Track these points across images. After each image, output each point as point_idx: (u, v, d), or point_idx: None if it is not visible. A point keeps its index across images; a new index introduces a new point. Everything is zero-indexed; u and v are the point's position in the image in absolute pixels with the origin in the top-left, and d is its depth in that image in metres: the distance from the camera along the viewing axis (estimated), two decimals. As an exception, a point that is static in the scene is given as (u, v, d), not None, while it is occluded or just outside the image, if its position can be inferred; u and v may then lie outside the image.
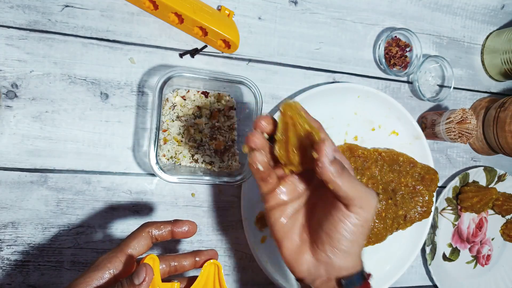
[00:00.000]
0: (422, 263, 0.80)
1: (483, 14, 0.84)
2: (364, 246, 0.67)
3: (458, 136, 0.71)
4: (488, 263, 0.85)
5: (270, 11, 0.69)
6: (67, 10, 0.59)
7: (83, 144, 0.60)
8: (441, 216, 0.79)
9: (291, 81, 0.70)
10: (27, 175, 0.58)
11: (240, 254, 0.67)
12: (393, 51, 0.75)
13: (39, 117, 0.58)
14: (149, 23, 0.63)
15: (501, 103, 0.77)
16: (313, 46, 0.71)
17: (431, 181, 0.73)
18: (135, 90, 0.62)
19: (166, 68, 0.63)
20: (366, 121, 0.73)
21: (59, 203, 0.59)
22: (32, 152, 0.58)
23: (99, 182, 0.61)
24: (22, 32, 0.58)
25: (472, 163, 0.84)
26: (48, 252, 0.58)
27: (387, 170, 0.71)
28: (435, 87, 0.81)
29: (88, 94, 0.60)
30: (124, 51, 0.62)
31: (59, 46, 0.59)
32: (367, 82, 0.75)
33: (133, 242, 0.43)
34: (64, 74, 0.59)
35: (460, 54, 0.82)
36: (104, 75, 0.61)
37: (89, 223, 0.60)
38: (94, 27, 0.61)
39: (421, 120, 0.78)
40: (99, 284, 0.40)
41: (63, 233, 0.59)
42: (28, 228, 0.58)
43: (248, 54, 0.68)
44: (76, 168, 0.60)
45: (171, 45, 0.64)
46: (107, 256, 0.41)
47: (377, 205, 0.41)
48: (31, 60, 0.58)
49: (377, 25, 0.75)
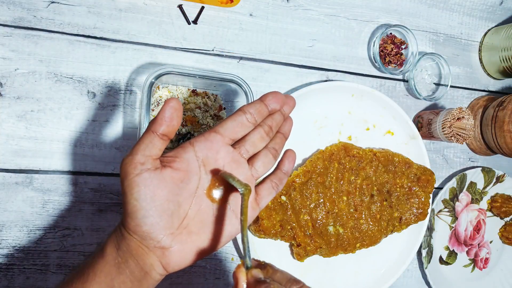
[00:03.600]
0: (418, 266, 0.84)
1: (481, 10, 0.87)
2: (358, 248, 0.71)
3: (455, 136, 0.74)
4: (486, 266, 0.89)
5: (262, 8, 0.72)
6: (53, 7, 0.62)
7: (69, 144, 0.62)
8: (437, 218, 0.83)
9: (283, 79, 0.73)
10: (12, 176, 0.60)
11: (231, 257, 0.70)
12: (388, 49, 0.78)
13: (24, 116, 0.61)
14: (137, 20, 0.65)
15: (499, 102, 0.80)
16: (306, 43, 0.74)
17: (427, 182, 0.75)
18: (123, 88, 0.65)
19: (154, 66, 0.66)
20: (361, 120, 0.76)
21: (45, 204, 0.61)
22: (17, 152, 0.60)
23: (86, 183, 0.63)
24: (6, 29, 0.60)
25: (469, 164, 0.88)
26: (33, 255, 0.61)
27: (382, 171, 0.74)
28: (432, 86, 0.84)
29: (74, 92, 0.63)
30: (111, 49, 0.64)
31: (45, 44, 0.62)
32: (362, 81, 0.78)
33: (228, 123, 0.44)
34: (50, 72, 0.62)
35: (457, 52, 0.86)
36: (91, 73, 0.63)
37: (76, 225, 0.63)
38: (81, 24, 0.63)
39: (417, 120, 0.81)
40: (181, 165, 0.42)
41: (49, 235, 0.61)
42: (13, 230, 0.60)
43: (239, 51, 0.71)
44: (63, 168, 0.62)
45: (159, 42, 0.67)
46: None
47: None
48: (16, 58, 0.60)
49: (372, 21, 0.79)
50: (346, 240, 0.70)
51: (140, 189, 0.39)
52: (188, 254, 0.42)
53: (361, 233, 0.71)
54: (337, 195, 0.70)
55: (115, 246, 0.41)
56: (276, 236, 0.66)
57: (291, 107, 0.48)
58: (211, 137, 0.44)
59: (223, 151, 0.44)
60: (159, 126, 0.40)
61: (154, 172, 0.40)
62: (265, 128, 0.46)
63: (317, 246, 0.68)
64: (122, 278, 0.41)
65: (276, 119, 0.47)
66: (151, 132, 0.40)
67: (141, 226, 0.39)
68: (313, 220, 0.68)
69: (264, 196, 0.47)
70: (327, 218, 0.69)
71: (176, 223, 0.41)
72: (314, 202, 0.68)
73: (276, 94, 0.46)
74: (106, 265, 0.41)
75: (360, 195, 0.71)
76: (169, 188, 0.41)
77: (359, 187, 0.71)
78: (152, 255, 0.41)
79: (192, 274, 0.68)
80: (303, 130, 0.73)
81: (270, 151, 0.47)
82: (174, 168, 0.41)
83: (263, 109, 0.45)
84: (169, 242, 0.41)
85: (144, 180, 0.39)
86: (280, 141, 0.49)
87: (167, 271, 0.42)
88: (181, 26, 0.68)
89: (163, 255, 0.41)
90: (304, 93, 0.70)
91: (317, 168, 0.69)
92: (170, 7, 0.67)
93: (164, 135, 0.40)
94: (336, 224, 0.70)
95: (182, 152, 0.43)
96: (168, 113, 0.40)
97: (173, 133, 0.41)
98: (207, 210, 0.43)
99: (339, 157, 0.71)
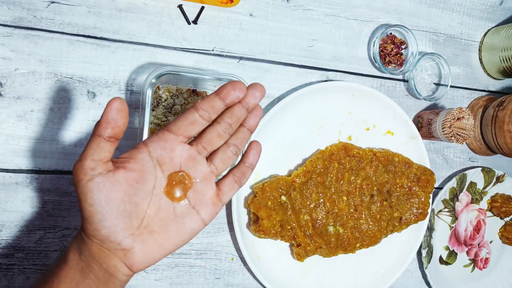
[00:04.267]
0: (418, 266, 0.84)
1: (481, 10, 0.88)
2: (358, 248, 0.71)
3: (455, 136, 0.75)
4: (486, 266, 0.89)
5: (262, 8, 0.72)
6: (53, 7, 0.62)
7: (69, 144, 0.63)
8: (437, 218, 0.83)
9: (283, 79, 0.73)
10: (12, 176, 0.61)
11: (231, 257, 0.71)
12: (388, 49, 0.78)
13: (24, 116, 0.61)
14: (138, 20, 0.66)
15: (499, 102, 0.80)
16: (306, 43, 0.75)
17: (427, 182, 0.76)
18: (123, 88, 0.65)
19: (154, 66, 0.67)
20: (361, 120, 0.76)
21: (45, 204, 0.62)
22: (17, 152, 0.61)
23: (86, 183, 0.63)
24: (6, 29, 0.60)
25: (469, 164, 0.88)
26: (33, 255, 0.61)
27: (382, 171, 0.74)
28: (432, 86, 0.84)
29: (74, 93, 0.63)
30: (111, 49, 0.65)
31: (45, 44, 0.62)
32: (362, 81, 0.79)
33: (180, 121, 0.44)
34: (50, 72, 0.62)
35: (457, 52, 0.86)
36: (91, 73, 0.64)
37: (76, 226, 0.63)
38: (81, 24, 0.64)
39: (417, 120, 0.82)
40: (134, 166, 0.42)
41: (49, 235, 0.62)
42: (13, 230, 0.61)
43: (239, 51, 0.71)
44: (63, 168, 0.63)
45: (159, 42, 0.67)
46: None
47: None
48: (16, 58, 0.61)
49: (372, 21, 0.79)
50: (346, 240, 0.70)
51: (94, 194, 0.39)
52: (151, 253, 0.43)
53: (361, 233, 0.71)
54: (337, 195, 0.71)
55: (77, 251, 0.42)
56: (276, 236, 0.67)
57: (257, 98, 0.44)
58: (165, 136, 0.44)
59: (178, 149, 0.44)
60: (103, 129, 0.39)
61: (106, 176, 0.40)
62: (223, 125, 0.45)
63: (317, 246, 0.69)
64: (87, 282, 0.41)
65: (236, 114, 0.45)
66: (97, 136, 0.39)
67: (99, 230, 0.39)
68: (313, 220, 0.69)
69: (226, 192, 0.48)
70: (327, 218, 0.69)
71: (135, 224, 0.41)
72: (314, 202, 0.69)
73: (234, 85, 0.43)
74: (70, 271, 0.41)
75: (360, 195, 0.72)
76: (124, 190, 0.41)
77: (359, 187, 0.72)
78: (114, 257, 0.41)
79: (192, 274, 0.68)
80: (303, 130, 0.73)
81: (229, 147, 0.47)
82: (127, 169, 0.41)
83: (217, 103, 0.43)
84: (130, 243, 0.41)
85: (97, 184, 0.39)
86: (243, 135, 0.47)
87: (133, 271, 0.43)
88: (181, 26, 0.68)
89: (125, 256, 0.41)
90: (304, 93, 0.70)
91: (317, 168, 0.69)
92: (170, 7, 0.68)
93: (111, 137, 0.39)
94: (336, 224, 0.70)
95: (136, 152, 0.43)
96: (112, 115, 0.39)
97: (120, 133, 0.40)
98: (167, 208, 0.44)
99: (339, 157, 0.71)
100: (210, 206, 0.46)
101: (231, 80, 0.45)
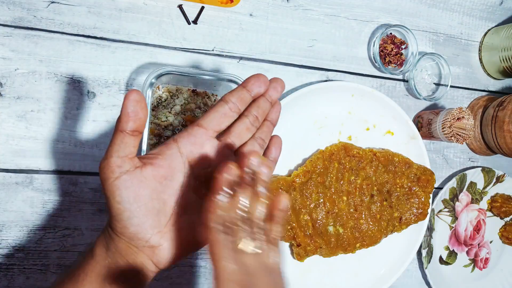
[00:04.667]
0: (418, 266, 0.84)
1: (481, 10, 0.88)
2: (358, 248, 0.71)
3: (455, 136, 0.75)
4: (486, 266, 0.90)
5: (262, 8, 0.72)
6: (53, 7, 0.63)
7: (69, 144, 0.63)
8: (437, 218, 0.83)
9: (283, 79, 0.73)
10: (12, 176, 0.61)
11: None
12: (388, 49, 0.78)
13: (24, 116, 0.61)
14: (137, 20, 0.66)
15: (499, 102, 0.81)
16: (306, 43, 0.75)
17: (427, 182, 0.76)
18: (123, 88, 0.65)
19: (154, 66, 0.67)
20: (361, 120, 0.76)
21: (45, 204, 0.62)
22: (17, 152, 0.61)
23: (86, 183, 0.64)
24: (6, 29, 0.61)
25: (469, 164, 0.89)
26: (33, 255, 0.62)
27: (382, 171, 0.74)
28: (432, 86, 0.85)
29: (74, 92, 0.63)
30: (111, 49, 0.65)
31: (45, 44, 0.62)
32: (362, 81, 0.79)
33: (210, 115, 0.43)
34: (50, 72, 0.62)
35: (457, 52, 0.87)
36: (91, 73, 0.64)
37: (76, 226, 0.63)
38: (81, 24, 0.64)
39: (417, 120, 0.82)
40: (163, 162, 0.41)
41: (49, 235, 0.62)
42: (13, 230, 0.61)
43: (239, 51, 0.71)
44: (63, 168, 0.63)
45: (159, 42, 0.67)
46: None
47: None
48: (16, 58, 0.61)
49: (372, 21, 0.79)
50: (346, 240, 0.71)
51: (122, 192, 0.38)
52: (178, 250, 0.42)
53: (361, 233, 0.72)
54: (337, 195, 0.71)
55: (104, 247, 0.41)
56: (276, 236, 0.67)
57: (278, 92, 0.46)
58: (194, 131, 0.43)
59: (208, 144, 0.44)
60: (125, 123, 0.38)
61: (133, 173, 0.39)
62: (251, 118, 0.45)
63: (317, 246, 0.69)
64: (113, 277, 0.41)
65: (262, 106, 0.46)
66: (120, 131, 0.39)
67: (127, 228, 0.39)
68: (313, 220, 0.69)
69: None
70: (327, 218, 0.70)
71: (163, 221, 0.41)
72: (314, 202, 0.69)
73: (258, 77, 0.45)
74: (96, 265, 0.41)
75: (360, 195, 0.72)
76: (152, 187, 0.40)
77: (359, 187, 0.72)
78: (142, 254, 0.41)
79: (192, 274, 0.69)
80: (303, 130, 0.73)
81: (257, 141, 0.46)
82: (155, 165, 0.41)
83: (245, 95, 0.44)
84: (158, 240, 0.41)
85: (124, 182, 0.38)
86: (267, 129, 0.48)
87: (159, 268, 0.43)
88: (181, 26, 0.69)
89: (153, 253, 0.41)
90: (304, 93, 0.71)
91: (317, 168, 0.70)
92: (170, 7, 0.68)
93: (134, 131, 0.39)
94: (336, 224, 0.70)
95: (165, 149, 0.42)
96: (131, 108, 0.38)
97: (142, 126, 0.40)
98: (194, 205, 0.43)
99: (339, 157, 0.71)
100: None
101: (255, 74, 0.45)
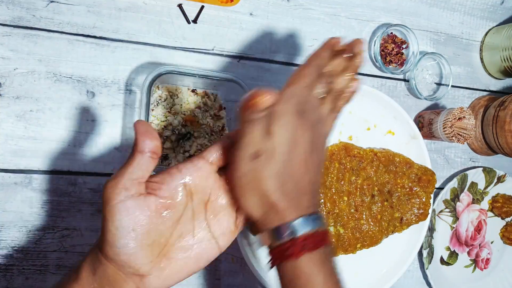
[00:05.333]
0: (419, 267, 0.84)
1: (482, 9, 0.88)
2: (359, 249, 0.71)
3: (456, 136, 0.75)
4: (487, 267, 0.90)
5: (262, 7, 0.72)
6: (52, 6, 0.62)
7: (68, 144, 0.63)
8: (438, 219, 0.83)
9: (283, 79, 0.73)
10: (10, 176, 0.61)
11: (232, 258, 0.71)
12: (389, 48, 0.78)
13: (23, 116, 0.61)
14: (137, 19, 0.66)
15: (500, 101, 0.81)
16: (306, 42, 0.75)
17: (428, 182, 0.76)
18: (123, 88, 0.65)
19: (154, 65, 0.67)
20: (361, 120, 0.76)
21: (44, 205, 0.62)
22: (16, 152, 0.61)
23: (85, 184, 0.64)
24: (5, 29, 0.61)
25: (470, 164, 0.89)
26: (32, 256, 0.61)
27: (382, 171, 0.74)
28: (433, 85, 0.84)
29: (74, 92, 0.63)
30: (111, 48, 0.65)
31: (44, 43, 0.62)
32: (362, 80, 0.79)
33: (214, 149, 0.44)
34: (49, 72, 0.62)
35: (458, 51, 0.87)
36: (90, 73, 0.64)
37: (75, 226, 0.63)
38: (80, 24, 0.64)
39: (418, 120, 0.82)
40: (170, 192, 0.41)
41: (48, 236, 0.62)
42: (12, 230, 0.61)
43: (239, 51, 0.71)
44: (62, 168, 0.63)
45: (159, 42, 0.67)
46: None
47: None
48: (15, 58, 0.61)
49: (372, 21, 0.79)
50: (347, 240, 0.70)
51: (122, 218, 0.38)
52: (167, 279, 0.42)
53: (362, 234, 0.71)
54: (338, 195, 0.71)
55: (91, 271, 0.40)
56: (277, 236, 0.67)
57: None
58: (200, 164, 0.43)
59: (211, 178, 0.44)
60: (143, 143, 0.38)
61: (137, 200, 0.38)
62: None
63: (318, 246, 0.69)
64: None
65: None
66: (138, 152, 0.38)
67: (119, 255, 0.38)
68: (313, 220, 0.69)
69: (242, 219, 0.48)
70: (328, 219, 0.70)
71: (156, 252, 0.41)
72: (314, 202, 0.69)
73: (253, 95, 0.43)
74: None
75: (360, 195, 0.72)
76: (152, 218, 0.39)
77: (359, 187, 0.72)
78: (129, 282, 0.40)
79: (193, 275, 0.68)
80: (304, 130, 0.73)
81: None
82: (158, 196, 0.40)
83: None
84: (148, 270, 0.40)
85: (127, 208, 0.38)
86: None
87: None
88: (181, 26, 0.68)
89: (141, 281, 0.40)
90: (305, 93, 0.70)
91: (317, 168, 0.69)
92: (170, 6, 0.68)
93: (153, 153, 0.39)
94: (337, 225, 0.70)
95: (169, 179, 0.41)
96: (143, 128, 0.38)
97: (160, 148, 0.39)
98: (188, 236, 0.43)
99: (339, 157, 0.71)
100: (228, 235, 0.46)
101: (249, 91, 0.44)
